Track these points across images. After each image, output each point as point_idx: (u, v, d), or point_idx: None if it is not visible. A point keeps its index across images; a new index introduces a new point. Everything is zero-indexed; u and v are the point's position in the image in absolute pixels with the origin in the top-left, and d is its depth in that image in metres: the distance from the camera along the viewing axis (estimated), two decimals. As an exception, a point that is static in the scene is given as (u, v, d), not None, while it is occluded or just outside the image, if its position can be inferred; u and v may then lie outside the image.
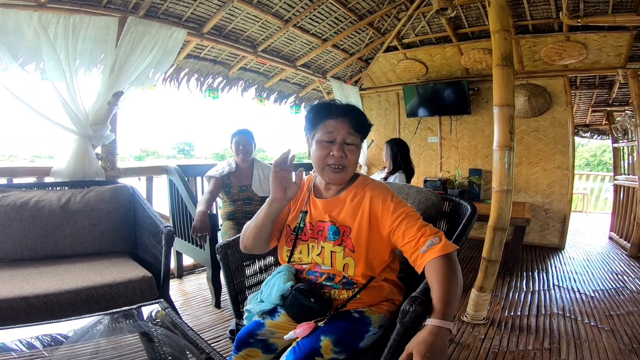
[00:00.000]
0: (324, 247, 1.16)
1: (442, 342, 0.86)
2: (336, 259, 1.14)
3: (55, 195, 1.96)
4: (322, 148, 1.15)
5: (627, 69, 3.69)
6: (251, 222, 1.23)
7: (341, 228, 1.16)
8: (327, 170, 1.16)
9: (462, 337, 2.10)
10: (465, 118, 4.59)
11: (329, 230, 1.17)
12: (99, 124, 2.26)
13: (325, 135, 1.15)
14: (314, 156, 1.18)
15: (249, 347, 1.12)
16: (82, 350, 1.06)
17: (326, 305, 1.09)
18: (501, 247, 2.22)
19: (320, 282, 1.16)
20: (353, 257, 1.13)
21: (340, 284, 1.14)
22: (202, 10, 2.87)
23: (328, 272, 1.16)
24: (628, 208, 4.18)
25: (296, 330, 1.05)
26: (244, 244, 1.27)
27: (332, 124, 1.15)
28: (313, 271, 1.18)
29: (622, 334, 2.10)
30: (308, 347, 1.00)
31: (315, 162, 1.18)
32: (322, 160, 1.15)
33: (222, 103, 26.12)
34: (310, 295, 1.09)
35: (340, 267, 1.13)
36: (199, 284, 2.91)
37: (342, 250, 1.14)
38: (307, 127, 1.22)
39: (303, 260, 1.20)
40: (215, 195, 2.50)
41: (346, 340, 1.04)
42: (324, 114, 1.17)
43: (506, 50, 2.12)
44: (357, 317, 1.11)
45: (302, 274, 1.20)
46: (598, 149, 20.77)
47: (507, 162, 2.13)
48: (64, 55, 2.13)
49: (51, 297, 1.41)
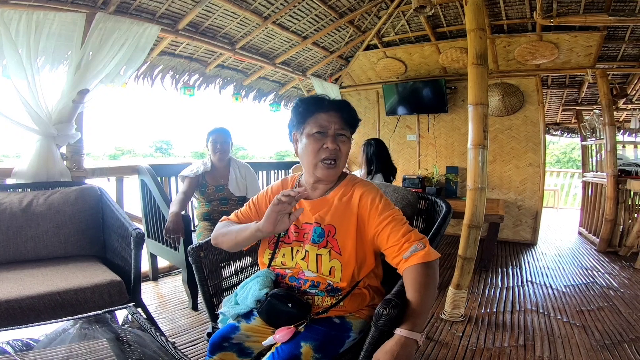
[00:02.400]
0: (308, 250, 1.12)
1: (407, 352, 0.87)
2: (322, 263, 1.10)
3: (17, 197, 1.86)
4: (315, 141, 1.10)
5: (596, 69, 3.83)
6: (229, 231, 1.21)
7: (326, 228, 1.12)
8: (320, 167, 1.12)
9: (440, 335, 2.12)
10: (442, 116, 4.66)
11: (314, 232, 1.12)
12: (63, 123, 2.16)
13: (318, 128, 1.10)
14: (305, 151, 1.13)
15: (223, 351, 1.08)
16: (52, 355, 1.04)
17: (305, 310, 1.05)
18: (476, 245, 2.25)
19: (304, 290, 1.12)
20: (340, 259, 1.09)
21: (325, 291, 1.11)
22: (178, 6, 2.79)
23: (312, 280, 1.12)
24: (596, 204, 4.34)
25: (275, 335, 1.02)
26: (216, 243, 1.26)
27: (324, 117, 1.11)
28: (297, 278, 1.14)
29: (594, 330, 2.16)
30: (288, 353, 0.98)
31: (306, 157, 1.13)
32: (314, 154, 1.11)
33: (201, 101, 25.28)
34: (288, 300, 1.05)
35: (327, 272, 1.09)
36: (175, 286, 2.83)
37: (328, 253, 1.10)
38: (295, 122, 1.17)
39: (286, 264, 1.16)
40: (189, 196, 2.44)
41: (327, 346, 1.02)
42: (314, 107, 1.13)
43: (481, 49, 2.15)
44: (338, 322, 1.09)
45: (285, 280, 1.15)
46: (568, 146, 21.62)
47: (481, 160, 2.16)
48: (25, 52, 2.03)
49: (12, 303, 1.35)
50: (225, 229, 1.23)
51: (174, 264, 2.80)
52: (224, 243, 1.23)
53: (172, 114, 64.91)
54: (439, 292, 2.72)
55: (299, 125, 1.15)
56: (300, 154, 1.16)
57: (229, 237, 1.20)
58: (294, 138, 1.20)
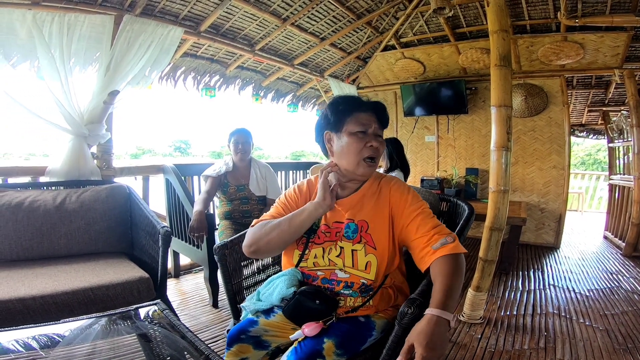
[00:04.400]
0: (343, 247, 1.12)
1: (441, 331, 0.86)
2: (357, 258, 1.10)
3: (51, 195, 1.94)
4: (358, 140, 1.11)
5: (623, 70, 3.71)
6: (276, 225, 1.13)
7: (359, 224, 1.13)
8: (362, 165, 1.12)
9: (458, 336, 2.11)
10: (462, 117, 4.60)
11: (348, 229, 1.13)
12: (94, 123, 2.24)
13: (360, 127, 1.11)
14: (347, 149, 1.12)
15: (240, 342, 1.11)
16: (79, 351, 1.05)
17: (332, 306, 1.07)
18: (498, 247, 2.22)
19: (337, 291, 1.12)
20: (375, 254, 1.10)
21: (358, 291, 1.11)
22: (199, 8, 2.85)
23: (346, 280, 1.11)
24: (623, 207, 4.21)
25: (304, 329, 1.02)
26: (256, 248, 1.15)
27: (364, 117, 1.12)
28: (329, 279, 1.13)
29: (617, 334, 2.12)
30: (310, 348, 0.99)
31: (347, 156, 1.12)
32: (357, 153, 1.11)
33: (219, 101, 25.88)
34: (315, 297, 1.06)
35: (362, 267, 1.10)
36: (196, 283, 2.90)
37: (363, 248, 1.10)
38: (332, 121, 1.15)
39: (319, 264, 1.15)
40: (212, 195, 2.50)
41: (349, 343, 1.03)
42: (353, 106, 1.14)
43: (504, 51, 2.12)
44: (363, 321, 1.10)
45: (317, 282, 1.14)
46: (593, 147, 20.91)
47: (504, 162, 2.13)
48: (58, 54, 2.11)
49: (47, 299, 1.39)
50: (268, 227, 1.14)
51: (196, 261, 2.87)
52: (270, 244, 1.13)
53: (191, 114, 66.03)
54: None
55: (338, 124, 1.14)
56: (339, 153, 1.14)
57: (279, 232, 1.12)
58: (327, 138, 1.18)
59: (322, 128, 1.19)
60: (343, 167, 1.15)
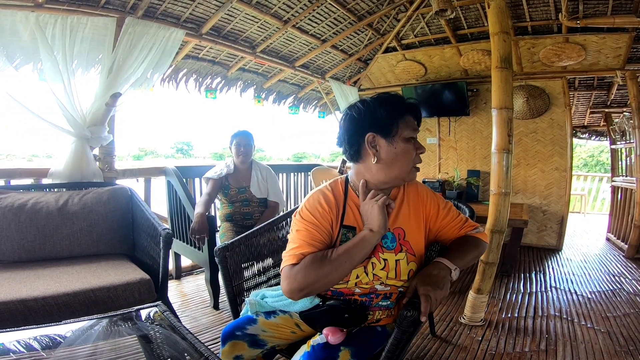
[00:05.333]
0: (386, 259, 1.05)
1: (441, 274, 0.94)
2: (401, 268, 1.06)
3: (53, 196, 1.95)
4: (412, 147, 1.04)
5: (625, 71, 3.69)
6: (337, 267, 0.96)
7: (395, 232, 1.08)
8: (412, 171, 1.07)
9: (459, 338, 2.10)
10: (463, 119, 4.60)
11: (386, 239, 1.07)
12: (96, 125, 2.25)
13: (412, 132, 1.04)
14: (402, 157, 1.02)
15: (234, 339, 1.11)
16: (80, 352, 1.05)
17: (360, 320, 1.03)
18: (499, 250, 2.22)
19: (374, 304, 1.08)
20: (415, 260, 1.08)
21: (396, 301, 1.10)
22: (201, 10, 2.87)
23: (385, 293, 1.08)
24: (625, 209, 4.19)
25: (328, 336, 0.99)
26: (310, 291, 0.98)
27: (412, 121, 1.05)
28: (368, 294, 1.08)
29: (619, 336, 2.11)
30: (326, 355, 0.97)
31: (400, 162, 1.03)
32: (411, 160, 1.04)
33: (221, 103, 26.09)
34: (346, 311, 1.02)
35: (405, 276, 1.06)
36: (197, 285, 2.91)
37: (405, 256, 1.06)
38: (384, 124, 1.02)
39: (362, 282, 1.06)
40: (213, 197, 2.50)
41: (364, 352, 1.03)
42: (404, 108, 1.04)
43: (505, 53, 2.12)
44: (380, 330, 1.10)
45: (354, 297, 1.08)
46: (595, 149, 20.84)
47: (506, 164, 2.13)
48: (61, 56, 2.12)
49: (49, 300, 1.40)
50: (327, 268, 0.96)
51: (197, 263, 2.87)
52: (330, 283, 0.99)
53: (193, 116, 66.22)
54: (459, 296, 2.70)
55: (390, 128, 1.01)
56: (389, 160, 1.02)
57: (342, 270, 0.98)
58: (369, 140, 1.02)
59: (363, 129, 1.03)
60: (390, 175, 1.04)
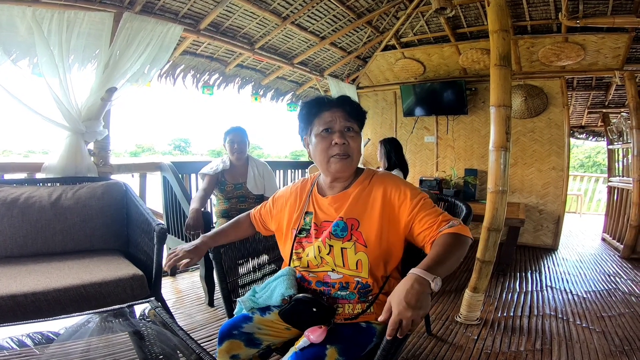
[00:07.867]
0: (332, 245, 1.11)
1: (417, 290, 0.84)
2: (347, 257, 1.09)
3: (46, 191, 1.93)
4: (323, 139, 1.12)
5: (624, 71, 3.70)
6: None
7: (348, 222, 1.11)
8: (332, 162, 1.12)
9: (455, 337, 2.10)
10: (462, 118, 4.59)
11: (336, 227, 1.12)
12: (91, 120, 2.23)
13: (324, 125, 1.12)
14: (316, 151, 1.15)
15: (231, 338, 1.10)
16: (72, 348, 1.04)
17: (330, 313, 1.04)
18: (495, 248, 2.21)
19: (333, 294, 1.10)
20: (366, 252, 1.08)
21: (356, 292, 1.09)
22: (199, 6, 2.84)
23: (340, 281, 1.10)
24: (621, 210, 4.20)
25: (310, 336, 1.00)
26: None
27: (328, 115, 1.13)
28: (323, 282, 1.12)
29: (614, 336, 2.11)
30: (313, 354, 0.98)
31: (318, 157, 1.15)
32: (325, 152, 1.12)
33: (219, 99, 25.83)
34: (312, 305, 1.04)
35: (353, 266, 1.09)
36: (192, 282, 2.89)
37: (353, 246, 1.09)
38: (302, 126, 1.20)
39: (312, 262, 1.15)
40: (209, 193, 2.49)
41: (351, 349, 1.02)
42: (316, 107, 1.15)
43: (504, 51, 2.11)
44: (365, 327, 1.09)
45: (311, 286, 1.14)
46: (592, 150, 20.94)
47: (503, 162, 2.12)
48: (57, 51, 2.10)
49: (39, 296, 1.38)
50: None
51: (193, 259, 2.85)
52: None
53: (191, 112, 66.06)
54: (455, 294, 2.69)
55: (307, 128, 1.18)
56: (313, 155, 1.18)
57: None
58: (306, 142, 1.22)
59: (301, 135, 1.23)
60: (321, 169, 1.19)
